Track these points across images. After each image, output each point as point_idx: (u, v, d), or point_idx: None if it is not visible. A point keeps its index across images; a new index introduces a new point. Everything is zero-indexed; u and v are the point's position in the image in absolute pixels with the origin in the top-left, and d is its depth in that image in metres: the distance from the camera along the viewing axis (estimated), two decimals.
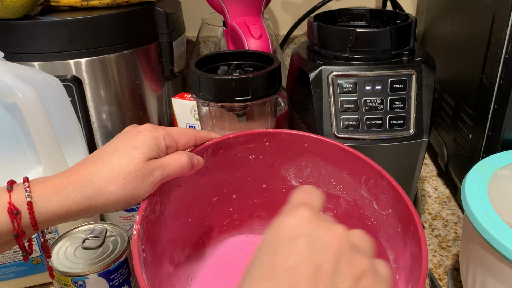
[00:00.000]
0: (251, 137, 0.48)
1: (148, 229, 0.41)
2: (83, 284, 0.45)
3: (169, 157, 0.40)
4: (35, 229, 0.35)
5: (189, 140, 0.43)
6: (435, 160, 0.77)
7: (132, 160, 0.37)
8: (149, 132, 0.39)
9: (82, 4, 0.67)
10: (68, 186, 0.36)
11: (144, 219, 0.39)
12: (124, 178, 0.36)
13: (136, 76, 0.70)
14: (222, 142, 0.47)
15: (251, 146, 0.48)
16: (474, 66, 0.58)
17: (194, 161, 0.42)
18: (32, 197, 0.34)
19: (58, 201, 0.35)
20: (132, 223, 0.61)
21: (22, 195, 0.34)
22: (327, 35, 0.55)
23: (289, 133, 0.48)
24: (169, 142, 0.40)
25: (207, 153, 0.46)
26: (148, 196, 0.39)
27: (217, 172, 0.49)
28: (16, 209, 0.34)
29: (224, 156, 0.48)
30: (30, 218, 0.34)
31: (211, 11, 0.78)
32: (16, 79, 0.49)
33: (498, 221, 0.40)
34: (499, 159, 0.49)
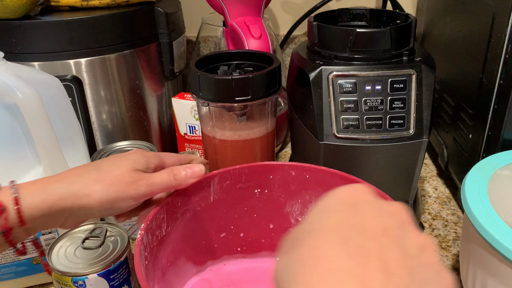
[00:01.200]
0: (255, 169, 0.49)
1: (152, 242, 0.41)
2: (83, 284, 0.45)
3: (157, 172, 0.41)
4: (21, 224, 0.35)
5: (175, 162, 0.44)
6: (435, 160, 0.77)
7: (119, 167, 0.39)
8: (139, 151, 0.42)
9: (82, 4, 0.67)
10: (54, 183, 0.37)
11: (148, 229, 0.40)
12: (110, 179, 0.38)
13: (136, 76, 0.70)
14: (228, 172, 0.48)
15: (255, 178, 0.49)
16: (474, 66, 0.58)
17: (185, 173, 0.42)
18: (19, 193, 0.35)
19: (44, 196, 0.36)
20: (132, 223, 0.62)
21: (9, 193, 0.35)
22: (327, 35, 0.55)
23: (291, 165, 0.49)
24: (158, 162, 0.42)
25: (214, 182, 0.47)
26: (155, 209, 0.41)
27: (224, 205, 0.49)
28: (2, 205, 0.34)
29: (230, 188, 0.48)
30: (17, 213, 0.35)
31: (211, 11, 0.78)
32: (16, 79, 0.49)
33: (498, 221, 0.40)
34: (499, 159, 0.49)
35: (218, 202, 0.48)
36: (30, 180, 0.38)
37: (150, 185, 0.39)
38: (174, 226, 0.45)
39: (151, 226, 0.40)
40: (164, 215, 0.43)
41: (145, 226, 0.39)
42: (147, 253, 0.39)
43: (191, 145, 0.76)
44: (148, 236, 0.40)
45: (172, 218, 0.44)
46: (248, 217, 0.51)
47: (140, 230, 0.39)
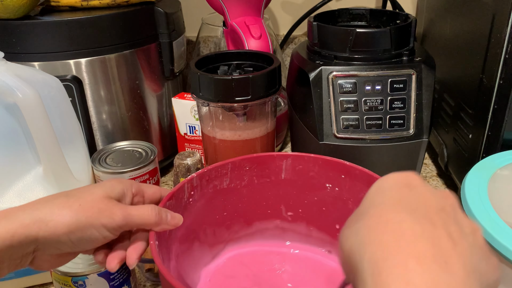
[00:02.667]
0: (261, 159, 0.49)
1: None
2: (83, 284, 0.45)
3: (136, 207, 0.38)
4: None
5: (156, 192, 0.42)
6: (435, 160, 0.77)
7: (91, 193, 0.36)
8: (116, 179, 0.39)
9: (82, 4, 0.67)
10: (18, 211, 0.34)
11: None
12: (79, 204, 0.34)
13: (136, 76, 0.70)
14: (244, 160, 0.49)
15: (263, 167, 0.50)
16: (474, 66, 0.58)
17: (165, 215, 0.39)
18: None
19: (5, 224, 0.32)
20: None
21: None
22: (327, 35, 0.55)
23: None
24: (135, 190, 0.39)
25: (229, 168, 0.48)
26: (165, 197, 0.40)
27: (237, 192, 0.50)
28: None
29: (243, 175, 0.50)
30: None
31: (211, 11, 0.78)
32: (16, 79, 0.49)
33: (498, 221, 0.40)
34: (499, 159, 0.49)
35: (233, 188, 0.49)
36: None
37: (126, 216, 0.36)
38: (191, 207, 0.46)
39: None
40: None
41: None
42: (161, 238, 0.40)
43: (191, 145, 0.76)
44: None
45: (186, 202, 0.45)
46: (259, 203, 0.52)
47: None
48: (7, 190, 0.52)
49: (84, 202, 0.35)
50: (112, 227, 0.35)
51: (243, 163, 0.49)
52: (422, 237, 0.23)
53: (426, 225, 0.24)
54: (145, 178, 0.60)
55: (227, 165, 0.48)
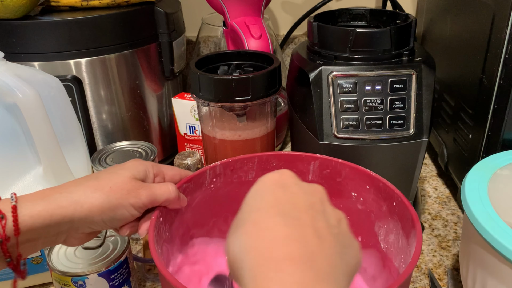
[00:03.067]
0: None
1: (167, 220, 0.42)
2: (83, 284, 0.45)
3: (157, 184, 0.41)
4: (16, 233, 0.34)
5: (175, 174, 0.44)
6: (435, 160, 0.77)
7: (119, 175, 0.39)
8: (138, 161, 0.42)
9: (82, 4, 0.67)
10: (55, 193, 0.36)
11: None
12: (110, 187, 0.37)
13: (136, 76, 0.70)
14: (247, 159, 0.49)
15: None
16: (474, 66, 0.58)
17: (181, 195, 0.42)
18: (17, 202, 0.35)
19: (44, 204, 0.35)
20: None
21: (8, 202, 0.35)
22: (327, 35, 0.55)
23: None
24: (156, 171, 0.42)
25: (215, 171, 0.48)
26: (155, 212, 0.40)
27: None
28: (1, 213, 0.34)
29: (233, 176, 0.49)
30: (13, 221, 0.34)
31: (211, 11, 0.78)
32: (16, 79, 0.49)
33: (498, 221, 0.40)
34: (499, 159, 0.49)
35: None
36: (29, 193, 0.37)
37: (151, 195, 0.39)
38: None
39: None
40: None
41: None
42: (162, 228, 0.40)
43: (191, 145, 0.76)
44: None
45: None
46: None
47: None
48: (7, 190, 0.52)
49: (114, 184, 0.37)
50: (139, 206, 0.38)
51: (270, 159, 0.48)
52: (292, 239, 0.27)
53: (296, 227, 0.28)
54: None
55: (254, 158, 0.48)
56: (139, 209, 0.39)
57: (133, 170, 0.39)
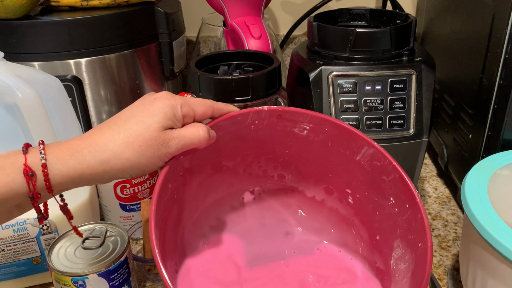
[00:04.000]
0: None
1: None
2: (83, 284, 0.45)
3: (186, 129, 0.39)
4: (49, 191, 0.34)
5: (207, 111, 0.41)
6: (435, 160, 0.77)
7: (147, 127, 0.36)
8: (166, 99, 0.38)
9: (82, 4, 0.67)
10: (83, 150, 0.35)
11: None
12: (140, 145, 0.36)
13: (136, 76, 0.70)
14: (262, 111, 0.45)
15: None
16: (474, 66, 0.58)
17: (212, 133, 0.41)
18: (47, 159, 0.34)
19: (73, 164, 0.35)
20: (132, 223, 0.62)
21: (37, 157, 0.34)
22: (327, 35, 0.55)
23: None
24: (186, 111, 0.39)
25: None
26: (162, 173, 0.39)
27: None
28: (32, 170, 0.33)
29: None
30: (45, 180, 0.34)
31: (211, 11, 0.78)
32: (16, 79, 0.49)
33: (498, 221, 0.40)
34: (499, 159, 0.49)
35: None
36: (55, 142, 0.36)
37: (181, 146, 0.38)
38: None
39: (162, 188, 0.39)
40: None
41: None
42: None
43: None
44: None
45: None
46: None
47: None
48: None
49: (143, 142, 0.36)
50: (167, 157, 0.38)
51: (323, 123, 0.46)
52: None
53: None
54: (144, 178, 0.60)
55: (306, 115, 0.45)
56: (167, 158, 0.38)
57: (162, 117, 0.37)
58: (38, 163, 0.34)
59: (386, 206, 0.45)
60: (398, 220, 0.44)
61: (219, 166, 0.48)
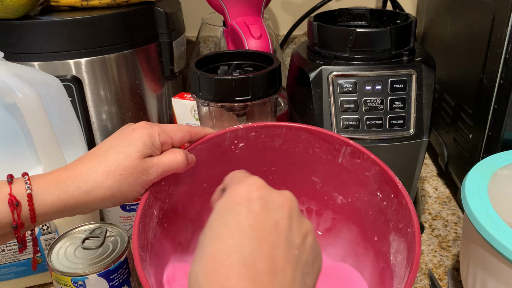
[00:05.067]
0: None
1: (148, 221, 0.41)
2: (83, 284, 0.45)
3: (164, 156, 0.40)
4: (32, 221, 0.35)
5: (184, 136, 0.43)
6: (435, 160, 0.77)
7: (128, 156, 0.38)
8: (143, 129, 0.40)
9: (82, 4, 0.67)
10: (67, 180, 0.36)
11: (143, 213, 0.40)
12: (121, 174, 0.37)
13: (136, 76, 0.70)
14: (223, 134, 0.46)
15: None
16: (474, 66, 0.58)
17: (190, 158, 0.42)
18: (32, 189, 0.35)
19: (57, 194, 0.36)
20: (132, 223, 0.62)
21: (22, 188, 0.35)
22: (327, 35, 0.55)
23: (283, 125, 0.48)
24: (164, 139, 0.40)
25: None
26: (146, 192, 0.40)
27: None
28: (17, 200, 0.34)
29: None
30: (29, 210, 0.35)
31: (211, 11, 0.78)
32: (16, 79, 0.49)
33: (498, 221, 0.40)
34: (499, 159, 0.49)
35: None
36: (38, 174, 0.37)
37: (160, 172, 0.39)
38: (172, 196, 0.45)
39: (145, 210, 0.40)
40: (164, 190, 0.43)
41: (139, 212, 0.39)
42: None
43: None
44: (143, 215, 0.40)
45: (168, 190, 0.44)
46: None
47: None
48: None
49: (124, 170, 0.37)
50: (147, 184, 0.39)
51: (299, 132, 0.47)
52: (245, 279, 0.26)
53: (250, 264, 0.27)
54: None
55: (281, 126, 0.47)
56: (147, 186, 0.40)
57: (141, 146, 0.38)
58: (23, 193, 0.35)
59: (376, 202, 0.46)
60: (388, 213, 0.44)
61: (209, 193, 0.49)
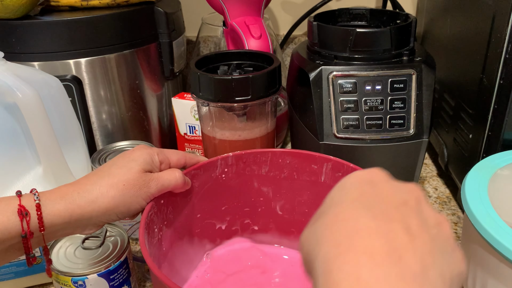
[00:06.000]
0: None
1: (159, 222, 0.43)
2: (83, 284, 0.45)
3: (164, 172, 0.43)
4: (41, 229, 0.37)
5: (180, 159, 0.46)
6: (435, 160, 0.77)
7: (129, 170, 0.41)
8: (143, 149, 0.43)
9: (82, 4, 0.67)
10: (73, 192, 0.39)
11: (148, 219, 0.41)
12: (123, 184, 0.40)
13: (136, 76, 0.70)
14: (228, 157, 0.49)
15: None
16: (474, 66, 0.58)
17: (186, 179, 0.45)
18: (40, 200, 0.37)
19: (64, 204, 0.38)
20: (132, 223, 0.62)
21: (31, 199, 0.37)
22: (327, 35, 0.55)
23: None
24: (162, 158, 0.44)
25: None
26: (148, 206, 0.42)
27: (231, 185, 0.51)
28: (26, 210, 0.36)
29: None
30: (38, 219, 0.36)
31: (211, 11, 0.78)
32: (16, 79, 0.49)
33: (498, 221, 0.40)
34: (499, 159, 0.49)
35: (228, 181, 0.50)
36: (48, 190, 0.39)
37: (159, 186, 0.42)
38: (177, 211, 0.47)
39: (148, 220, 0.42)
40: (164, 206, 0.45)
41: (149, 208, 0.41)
42: (151, 234, 0.41)
43: (191, 145, 0.76)
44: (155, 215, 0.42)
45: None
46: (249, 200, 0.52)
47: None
48: (7, 190, 0.52)
49: (126, 182, 0.40)
50: (148, 197, 0.41)
51: (284, 156, 0.49)
52: (377, 233, 0.23)
53: (383, 221, 0.24)
54: None
55: (267, 154, 0.49)
56: (148, 199, 0.42)
57: (142, 162, 0.41)
58: (32, 203, 0.37)
59: None
60: None
61: (202, 226, 0.51)
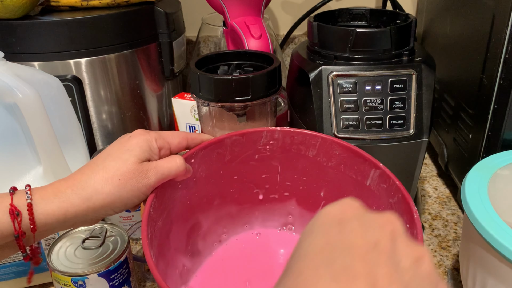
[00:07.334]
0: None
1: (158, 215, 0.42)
2: (83, 284, 0.45)
3: (163, 160, 0.40)
4: (33, 230, 0.36)
5: (181, 141, 0.43)
6: (435, 160, 0.77)
7: (125, 162, 0.38)
8: (140, 135, 0.40)
9: (82, 4, 0.67)
10: (66, 189, 0.37)
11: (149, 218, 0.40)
12: (119, 179, 0.37)
13: (136, 76, 0.70)
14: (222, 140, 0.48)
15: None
16: (474, 66, 0.58)
17: (188, 166, 0.42)
18: (32, 199, 0.36)
19: (58, 203, 0.36)
20: (132, 223, 0.62)
21: (23, 198, 0.36)
22: (327, 35, 0.55)
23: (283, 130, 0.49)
24: (161, 144, 0.41)
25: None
26: (149, 198, 0.40)
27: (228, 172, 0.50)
28: (17, 210, 0.35)
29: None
30: (29, 219, 0.35)
31: (211, 11, 0.78)
32: (16, 79, 0.49)
33: (498, 221, 0.40)
34: (499, 159, 0.49)
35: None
36: (42, 186, 0.38)
37: (159, 176, 0.39)
38: (172, 205, 0.45)
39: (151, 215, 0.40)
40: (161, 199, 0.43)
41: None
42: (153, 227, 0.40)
43: None
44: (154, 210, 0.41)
45: (168, 198, 0.45)
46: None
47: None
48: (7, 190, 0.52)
49: (122, 176, 0.37)
50: (148, 189, 0.39)
51: (333, 146, 0.48)
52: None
53: (344, 280, 0.22)
54: None
55: (317, 138, 0.49)
56: (148, 191, 0.39)
57: (138, 151, 0.39)
58: (24, 203, 0.35)
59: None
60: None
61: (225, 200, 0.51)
